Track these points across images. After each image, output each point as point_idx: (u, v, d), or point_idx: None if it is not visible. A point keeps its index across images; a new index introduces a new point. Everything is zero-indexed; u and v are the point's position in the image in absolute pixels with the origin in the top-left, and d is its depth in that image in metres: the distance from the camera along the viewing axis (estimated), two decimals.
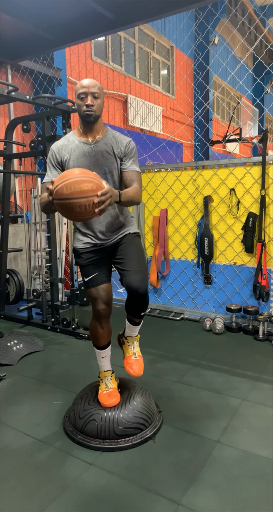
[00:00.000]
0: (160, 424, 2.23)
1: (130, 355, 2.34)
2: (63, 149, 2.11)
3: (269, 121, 17.48)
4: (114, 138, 2.13)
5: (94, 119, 2.05)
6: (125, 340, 2.38)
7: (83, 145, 2.09)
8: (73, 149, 2.09)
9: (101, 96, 2.06)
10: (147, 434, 2.12)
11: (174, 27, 10.93)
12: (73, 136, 2.14)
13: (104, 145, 2.10)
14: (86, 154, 2.08)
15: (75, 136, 2.13)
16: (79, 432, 2.14)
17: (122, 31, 8.29)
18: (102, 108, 2.09)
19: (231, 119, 7.68)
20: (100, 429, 2.08)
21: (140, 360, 2.33)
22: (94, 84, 2.02)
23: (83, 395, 2.28)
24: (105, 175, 2.10)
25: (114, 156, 2.11)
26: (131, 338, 2.36)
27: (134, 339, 2.37)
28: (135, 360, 2.32)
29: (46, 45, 4.29)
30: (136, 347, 2.38)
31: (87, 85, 2.01)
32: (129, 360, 2.32)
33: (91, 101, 2.01)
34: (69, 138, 2.14)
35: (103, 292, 2.16)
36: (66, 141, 2.13)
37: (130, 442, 2.06)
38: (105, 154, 2.09)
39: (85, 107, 2.01)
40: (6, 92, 3.17)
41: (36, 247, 4.80)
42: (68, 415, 2.29)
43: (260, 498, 1.71)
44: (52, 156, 2.13)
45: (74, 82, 7.51)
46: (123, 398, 2.20)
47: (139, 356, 2.35)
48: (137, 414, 2.14)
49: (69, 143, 2.12)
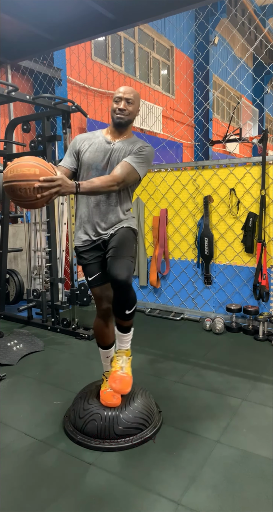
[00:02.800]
0: (160, 424, 2.23)
1: (117, 370, 2.10)
2: (85, 141, 2.18)
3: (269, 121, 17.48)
4: (134, 143, 2.16)
5: (125, 123, 2.14)
6: (114, 355, 2.19)
7: (104, 142, 2.16)
8: (94, 143, 2.16)
9: (136, 103, 2.14)
10: (147, 434, 2.12)
11: (174, 27, 10.92)
12: (100, 132, 2.23)
13: (122, 146, 2.14)
14: (103, 150, 2.14)
15: (102, 133, 2.21)
16: (79, 432, 2.14)
17: (122, 31, 8.29)
18: (135, 116, 2.18)
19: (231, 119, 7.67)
20: (100, 429, 2.08)
21: (126, 378, 2.08)
22: (130, 91, 2.12)
23: (83, 395, 2.28)
24: None
25: None
26: (121, 352, 2.16)
27: (124, 352, 2.16)
28: (121, 377, 2.07)
29: (46, 45, 4.30)
30: (125, 363, 2.13)
31: (123, 91, 2.11)
32: (114, 375, 2.08)
33: (124, 105, 2.10)
34: (95, 133, 2.23)
35: (108, 291, 2.13)
36: (92, 134, 2.23)
37: (130, 442, 2.06)
38: (120, 156, 2.12)
39: (117, 110, 2.11)
40: (6, 92, 3.17)
41: (36, 247, 4.80)
42: (68, 415, 2.29)
43: (260, 498, 1.71)
44: (73, 144, 2.21)
45: (74, 82, 7.51)
46: (123, 398, 2.20)
47: (126, 374, 2.10)
48: (137, 414, 2.14)
49: (93, 137, 2.20)
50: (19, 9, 3.69)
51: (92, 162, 2.14)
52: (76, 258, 3.49)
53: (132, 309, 2.04)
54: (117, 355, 2.17)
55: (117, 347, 2.19)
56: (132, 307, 2.04)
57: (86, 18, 3.80)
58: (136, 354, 3.26)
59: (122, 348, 2.17)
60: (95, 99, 8.22)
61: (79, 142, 2.19)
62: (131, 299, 2.01)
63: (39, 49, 4.42)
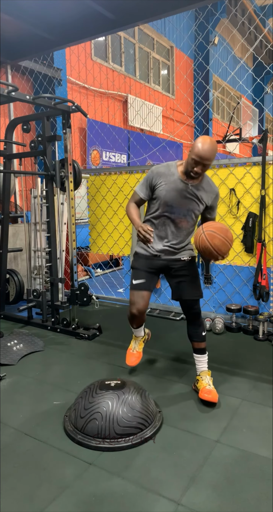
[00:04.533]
0: (160, 424, 2.23)
1: (204, 385, 2.49)
2: (162, 176, 2.41)
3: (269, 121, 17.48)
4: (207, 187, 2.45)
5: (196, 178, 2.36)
6: (198, 378, 2.57)
7: (180, 182, 2.38)
8: (170, 181, 2.39)
9: (211, 163, 2.29)
10: (147, 434, 2.12)
11: (174, 27, 10.93)
12: (175, 168, 2.42)
13: (195, 190, 2.41)
14: (179, 191, 2.39)
15: (177, 170, 2.41)
16: (79, 431, 2.14)
17: (122, 31, 8.29)
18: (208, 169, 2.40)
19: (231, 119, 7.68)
20: (100, 428, 2.08)
21: (214, 390, 2.46)
22: (209, 157, 2.22)
23: (84, 394, 2.28)
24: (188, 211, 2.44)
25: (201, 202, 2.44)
26: (203, 373, 2.57)
27: (206, 373, 2.57)
28: (209, 390, 2.46)
29: (46, 45, 4.30)
30: (210, 381, 2.54)
31: (203, 157, 2.21)
32: (205, 389, 2.46)
33: (200, 169, 2.27)
34: (171, 169, 2.42)
35: (143, 298, 2.53)
36: (168, 170, 2.42)
37: (130, 442, 2.06)
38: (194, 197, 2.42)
39: (193, 171, 2.28)
40: (6, 92, 3.17)
41: (36, 247, 4.80)
42: (69, 415, 2.29)
43: (260, 498, 1.71)
44: (150, 177, 2.46)
45: (74, 82, 7.51)
46: (123, 398, 2.19)
47: (213, 388, 2.49)
48: (137, 414, 2.14)
49: (169, 173, 2.41)
50: (19, 9, 3.69)
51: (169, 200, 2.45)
52: None
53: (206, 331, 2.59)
54: (201, 376, 2.57)
55: (199, 369, 2.60)
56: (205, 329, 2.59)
57: (86, 18, 3.81)
58: None
59: (204, 369, 2.60)
60: (95, 99, 8.22)
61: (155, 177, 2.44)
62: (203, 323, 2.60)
63: (39, 49, 4.42)
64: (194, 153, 2.22)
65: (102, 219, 4.73)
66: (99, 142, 8.01)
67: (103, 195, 4.66)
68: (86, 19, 3.82)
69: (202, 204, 2.46)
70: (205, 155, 2.20)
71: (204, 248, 2.22)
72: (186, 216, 2.45)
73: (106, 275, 6.35)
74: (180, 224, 2.47)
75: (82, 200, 5.44)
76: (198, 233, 2.26)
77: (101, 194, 4.69)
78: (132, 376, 2.85)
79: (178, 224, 2.46)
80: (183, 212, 2.43)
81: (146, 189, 2.48)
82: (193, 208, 2.44)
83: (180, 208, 2.42)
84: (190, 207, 2.43)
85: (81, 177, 4.08)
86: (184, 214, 2.44)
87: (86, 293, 3.87)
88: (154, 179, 2.42)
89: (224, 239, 2.20)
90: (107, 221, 4.68)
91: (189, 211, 2.44)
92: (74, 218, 3.90)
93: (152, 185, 2.44)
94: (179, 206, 2.41)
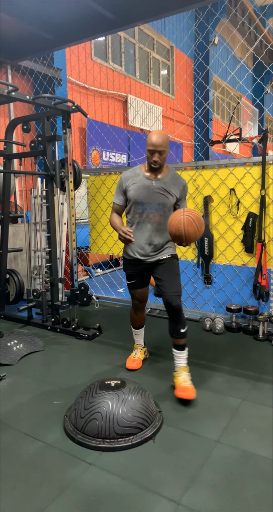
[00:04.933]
0: (160, 424, 2.24)
1: (180, 383, 2.52)
2: (129, 179, 2.65)
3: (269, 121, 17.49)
4: (174, 180, 2.64)
5: (159, 168, 2.57)
6: (175, 374, 2.60)
7: (145, 179, 2.61)
8: (137, 181, 2.62)
9: (166, 149, 2.50)
10: (147, 434, 2.12)
11: (174, 27, 10.93)
12: (140, 169, 2.66)
13: (162, 184, 2.60)
14: (146, 187, 2.60)
15: (141, 170, 2.65)
16: (79, 431, 2.14)
17: (122, 31, 8.28)
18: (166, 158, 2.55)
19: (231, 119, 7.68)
20: (100, 428, 2.08)
21: (190, 387, 2.49)
22: (161, 143, 2.46)
23: (84, 394, 2.28)
24: (159, 205, 2.60)
25: (170, 194, 2.61)
26: (180, 368, 2.59)
27: (183, 369, 2.59)
28: (186, 387, 2.49)
29: (46, 45, 4.30)
30: (187, 377, 2.56)
31: (155, 144, 2.46)
32: (180, 387, 2.50)
33: (157, 157, 2.50)
34: (136, 171, 2.67)
35: (140, 293, 2.86)
36: (133, 173, 2.67)
37: (130, 442, 2.06)
38: (161, 191, 2.60)
39: (152, 161, 2.51)
40: (6, 92, 3.17)
41: (36, 247, 4.80)
42: (69, 415, 2.30)
43: (260, 498, 1.71)
44: (120, 184, 2.70)
45: (74, 82, 7.51)
46: (123, 398, 2.19)
47: (190, 384, 2.51)
48: (137, 414, 2.14)
49: (135, 175, 2.65)
50: (19, 9, 3.69)
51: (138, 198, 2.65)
52: None
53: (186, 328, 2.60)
54: (177, 372, 2.59)
55: (176, 365, 2.62)
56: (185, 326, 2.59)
57: (86, 18, 3.81)
58: None
59: (181, 365, 2.61)
60: (95, 99, 8.22)
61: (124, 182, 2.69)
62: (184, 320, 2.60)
63: (39, 49, 4.42)
64: (148, 144, 2.47)
65: (102, 219, 4.73)
66: (99, 142, 8.01)
67: (103, 195, 4.66)
68: (86, 19, 3.81)
69: (172, 196, 2.62)
70: (157, 142, 2.45)
71: (176, 230, 2.32)
72: (158, 210, 2.61)
73: (106, 275, 6.35)
74: (154, 219, 2.63)
75: (82, 200, 5.44)
76: (178, 214, 2.37)
77: (101, 194, 4.69)
78: (132, 376, 2.85)
79: (152, 219, 2.63)
80: (154, 207, 2.60)
81: (120, 195, 2.72)
82: (163, 202, 2.60)
83: (150, 203, 2.60)
84: (160, 201, 2.60)
85: (81, 177, 4.08)
86: (156, 208, 2.61)
87: (86, 293, 3.87)
88: (123, 184, 2.66)
89: (197, 231, 2.32)
90: (107, 221, 4.68)
91: (160, 205, 2.60)
92: (74, 218, 3.90)
93: (123, 189, 2.67)
94: (149, 202, 2.60)
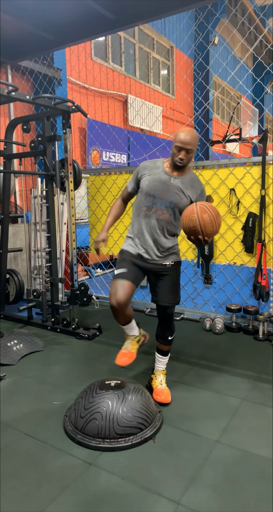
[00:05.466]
0: (160, 424, 2.24)
1: (157, 385, 2.57)
2: (147, 169, 2.48)
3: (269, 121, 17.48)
4: (193, 182, 2.47)
5: (182, 167, 2.40)
6: (153, 376, 2.64)
7: (164, 174, 2.43)
8: (154, 173, 2.45)
9: (194, 149, 2.36)
10: (147, 434, 2.12)
11: (174, 27, 10.92)
12: (161, 163, 2.49)
13: (179, 183, 2.42)
14: (162, 182, 2.42)
15: (162, 164, 2.48)
16: (79, 431, 2.14)
17: (122, 31, 8.29)
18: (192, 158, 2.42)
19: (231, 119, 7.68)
20: (100, 428, 2.08)
21: (166, 390, 2.54)
22: (189, 141, 2.31)
23: (84, 394, 2.28)
24: (170, 203, 2.40)
25: (185, 195, 2.42)
26: (158, 371, 2.63)
27: (161, 372, 2.63)
28: (162, 390, 2.53)
29: (46, 45, 4.30)
30: (163, 380, 2.61)
31: (183, 141, 2.30)
32: (156, 390, 2.54)
33: (184, 155, 2.33)
34: (157, 163, 2.49)
35: (125, 288, 2.35)
36: (154, 164, 2.49)
37: (130, 442, 2.06)
38: (177, 190, 2.41)
39: (177, 158, 2.35)
40: (6, 92, 3.17)
41: (36, 247, 4.80)
42: (69, 415, 2.30)
43: (260, 498, 1.71)
44: (136, 171, 2.54)
45: (74, 82, 7.51)
46: (123, 398, 2.19)
47: (165, 388, 2.56)
48: (137, 414, 2.14)
49: (154, 167, 2.47)
50: (19, 9, 3.69)
51: None
52: None
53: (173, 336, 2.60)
54: (155, 375, 2.63)
55: (155, 368, 2.65)
56: (173, 333, 2.60)
57: (86, 18, 3.80)
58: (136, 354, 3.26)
59: (160, 369, 2.64)
60: (95, 99, 8.22)
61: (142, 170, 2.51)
62: (173, 328, 2.59)
63: (39, 49, 4.42)
64: (176, 140, 2.32)
65: (102, 219, 4.73)
66: (99, 142, 8.01)
67: (103, 195, 4.66)
68: (86, 19, 3.81)
69: (186, 198, 2.42)
70: (185, 139, 2.29)
71: (189, 220, 2.16)
72: (168, 209, 2.40)
73: (106, 275, 6.34)
74: (162, 216, 2.41)
75: (82, 200, 5.44)
76: (189, 206, 2.24)
77: (101, 194, 4.69)
78: (132, 376, 2.85)
79: (160, 216, 2.41)
80: (165, 204, 2.40)
81: (133, 182, 2.56)
82: (176, 201, 2.40)
83: (162, 199, 2.39)
84: (172, 200, 2.40)
85: (81, 177, 4.08)
86: (166, 206, 2.40)
87: (86, 293, 3.87)
88: (139, 172, 2.50)
89: (213, 219, 2.14)
90: None
91: (172, 203, 2.40)
92: (74, 218, 3.90)
93: (138, 178, 2.51)
94: (161, 197, 2.39)
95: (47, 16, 3.82)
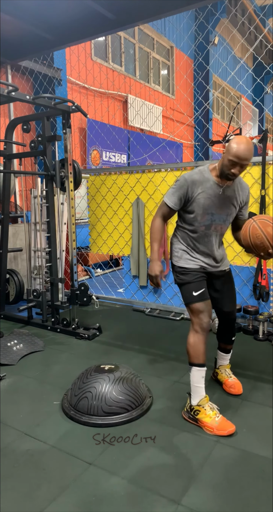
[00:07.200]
0: (148, 407, 2.39)
1: (227, 378, 2.65)
2: (197, 184, 2.24)
3: (269, 121, 17.49)
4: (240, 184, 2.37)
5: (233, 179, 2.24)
6: (218, 371, 2.72)
7: (216, 186, 2.25)
8: (207, 188, 2.24)
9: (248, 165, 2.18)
10: (133, 414, 2.30)
11: (174, 27, 10.93)
12: (209, 173, 2.27)
13: (232, 192, 2.32)
14: (216, 196, 2.26)
15: (210, 174, 2.27)
16: (72, 408, 2.36)
17: (122, 31, 8.29)
18: None
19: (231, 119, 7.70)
20: (90, 406, 2.29)
21: (238, 383, 2.61)
22: (247, 157, 2.10)
23: (80, 376, 2.50)
24: (227, 216, 2.34)
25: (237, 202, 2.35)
26: (223, 366, 2.71)
27: (226, 366, 2.71)
28: (234, 382, 2.61)
29: (46, 45, 4.30)
30: (231, 373, 2.68)
31: (241, 157, 2.08)
32: (227, 382, 2.62)
33: (238, 170, 2.14)
34: (204, 175, 2.26)
35: (209, 306, 2.34)
36: (202, 176, 2.26)
37: (117, 419, 2.26)
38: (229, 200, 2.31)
39: (230, 172, 2.15)
40: (6, 92, 3.17)
41: (36, 247, 4.80)
42: (67, 394, 2.54)
43: (260, 498, 1.71)
44: (183, 186, 2.25)
45: (74, 82, 7.51)
46: (114, 380, 2.37)
47: (234, 378, 2.65)
48: (124, 396, 2.33)
49: (204, 179, 2.25)
50: (19, 9, 3.69)
51: None
52: None
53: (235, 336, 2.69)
54: (220, 370, 2.71)
55: (219, 363, 2.73)
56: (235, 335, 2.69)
57: (86, 18, 3.80)
58: (136, 354, 3.26)
59: (225, 364, 2.71)
60: (95, 99, 8.22)
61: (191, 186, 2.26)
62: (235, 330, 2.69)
63: (39, 49, 4.42)
64: (232, 154, 2.09)
65: (102, 219, 4.73)
66: (99, 142, 8.01)
67: (103, 195, 4.66)
68: (86, 19, 3.81)
69: (237, 205, 2.37)
70: (244, 155, 2.08)
71: (254, 237, 2.11)
72: (226, 222, 2.36)
73: (106, 275, 6.35)
74: (221, 231, 2.37)
75: (82, 200, 5.44)
76: (248, 224, 2.16)
77: (101, 194, 4.69)
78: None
79: (219, 231, 2.36)
80: (223, 218, 2.32)
81: (179, 200, 2.28)
82: (231, 212, 2.35)
83: (221, 214, 2.30)
84: (228, 211, 2.33)
85: (81, 177, 4.08)
86: (224, 219, 2.33)
87: (86, 293, 3.87)
88: (190, 189, 2.23)
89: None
90: (107, 221, 4.68)
91: (228, 215, 2.34)
92: (74, 218, 3.90)
93: (187, 195, 2.25)
94: (220, 213, 2.29)
95: (47, 16, 3.82)
